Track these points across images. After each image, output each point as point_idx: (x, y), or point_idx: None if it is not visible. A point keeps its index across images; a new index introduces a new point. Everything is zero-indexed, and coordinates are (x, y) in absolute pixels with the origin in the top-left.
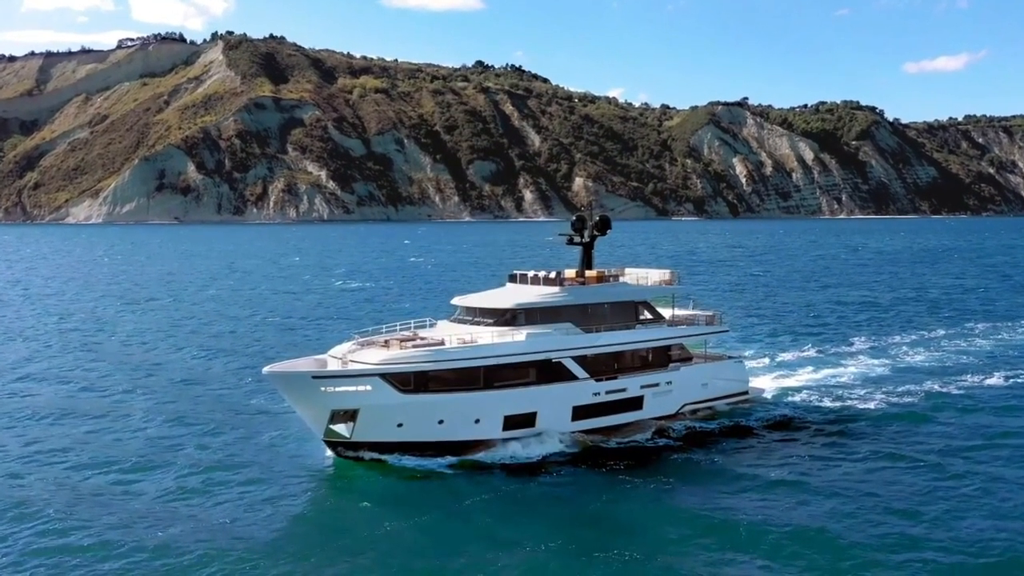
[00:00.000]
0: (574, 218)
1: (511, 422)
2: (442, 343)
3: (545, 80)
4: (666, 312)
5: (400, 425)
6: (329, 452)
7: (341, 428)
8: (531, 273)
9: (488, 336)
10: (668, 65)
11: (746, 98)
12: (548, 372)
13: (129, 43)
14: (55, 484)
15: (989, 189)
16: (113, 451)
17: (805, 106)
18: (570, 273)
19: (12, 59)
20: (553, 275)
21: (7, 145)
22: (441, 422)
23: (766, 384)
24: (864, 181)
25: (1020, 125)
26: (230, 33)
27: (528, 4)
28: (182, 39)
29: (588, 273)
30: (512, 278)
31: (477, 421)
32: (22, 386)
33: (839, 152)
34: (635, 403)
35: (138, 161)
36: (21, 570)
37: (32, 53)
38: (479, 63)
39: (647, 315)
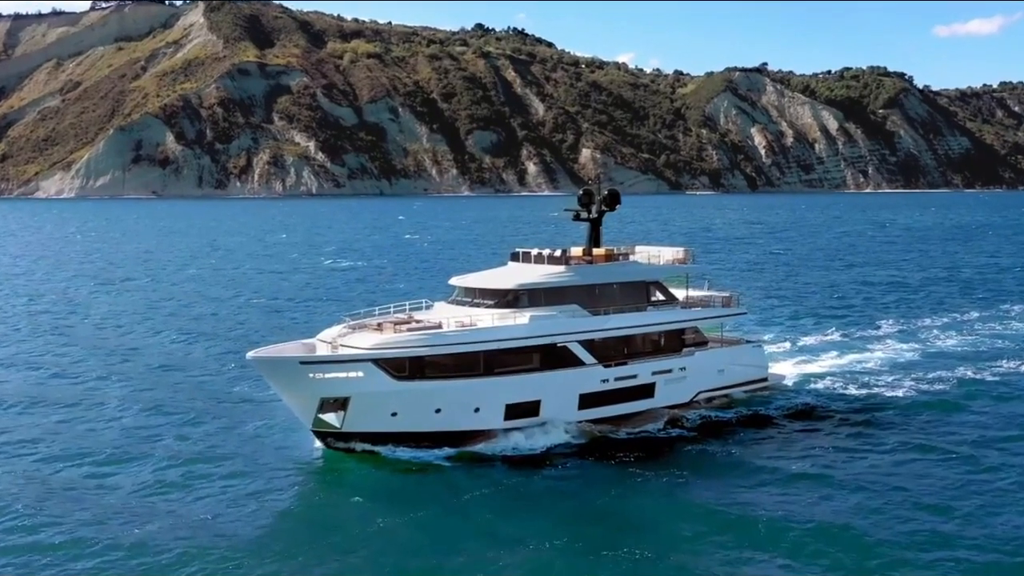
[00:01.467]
0: (581, 192)
1: (513, 411)
2: (439, 326)
3: (550, 44)
4: (679, 293)
5: (394, 414)
6: (318, 443)
7: (331, 417)
8: (535, 251)
9: (489, 319)
10: (682, 28)
11: (765, 64)
12: (553, 357)
13: (103, 5)
14: (24, 477)
15: None
16: (86, 442)
17: (829, 72)
18: (576, 251)
19: None
20: (558, 253)
21: None
22: (438, 411)
23: (787, 370)
24: (892, 152)
25: None
26: None
27: None
28: (160, 0)
29: (596, 251)
30: (514, 256)
31: (477, 410)
32: None
33: (865, 121)
34: (646, 390)
35: (113, 131)
36: None
37: None
38: (479, 26)
39: (659, 296)
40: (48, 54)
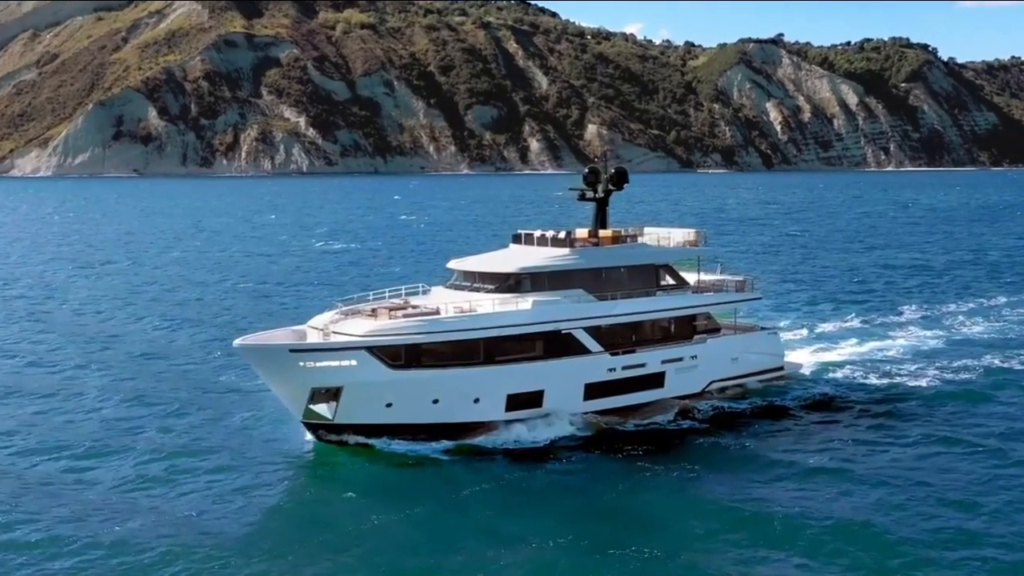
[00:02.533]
0: (586, 170)
1: (515, 401)
2: (437, 312)
3: (554, 14)
4: (690, 277)
5: (389, 405)
6: (309, 436)
7: (323, 408)
8: (538, 233)
9: (489, 304)
10: None
11: (781, 35)
12: (557, 345)
13: None
14: None
15: None
16: (64, 434)
17: (848, 44)
18: (582, 233)
19: None
20: (563, 235)
21: None
22: (436, 402)
23: (804, 358)
24: (915, 128)
25: None
26: None
27: None
28: None
29: (602, 233)
30: (516, 239)
31: (476, 401)
32: None
33: (887, 96)
34: (655, 380)
35: (92, 106)
36: None
37: None
38: None
39: (669, 280)
40: (24, 24)
